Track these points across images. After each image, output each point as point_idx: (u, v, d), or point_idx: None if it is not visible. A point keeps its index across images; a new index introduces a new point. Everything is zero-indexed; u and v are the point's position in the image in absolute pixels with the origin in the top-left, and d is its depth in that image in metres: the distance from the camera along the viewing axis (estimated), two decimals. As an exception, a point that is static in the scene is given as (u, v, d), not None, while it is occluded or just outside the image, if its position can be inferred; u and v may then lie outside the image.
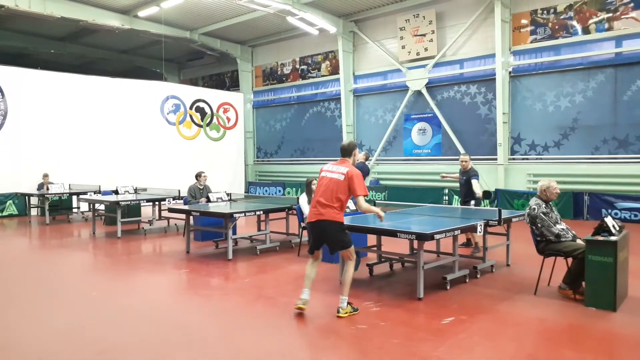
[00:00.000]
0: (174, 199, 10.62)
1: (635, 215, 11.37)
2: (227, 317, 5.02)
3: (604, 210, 11.60)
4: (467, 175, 8.24)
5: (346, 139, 17.52)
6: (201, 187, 10.15)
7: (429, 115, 15.86)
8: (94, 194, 12.53)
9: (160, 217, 11.31)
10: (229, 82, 22.79)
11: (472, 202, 8.12)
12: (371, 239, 7.29)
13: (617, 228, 5.28)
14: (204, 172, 10.31)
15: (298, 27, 16.80)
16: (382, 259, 7.01)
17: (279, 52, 20.26)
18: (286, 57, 20.10)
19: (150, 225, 11.07)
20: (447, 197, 14.63)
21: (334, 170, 5.04)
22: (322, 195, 4.97)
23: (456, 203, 13.99)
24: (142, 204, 11.27)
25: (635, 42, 12.08)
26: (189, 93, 18.40)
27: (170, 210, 8.79)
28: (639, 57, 12.04)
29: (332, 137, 18.27)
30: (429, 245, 7.02)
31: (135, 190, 12.07)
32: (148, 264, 7.73)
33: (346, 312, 4.92)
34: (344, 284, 4.99)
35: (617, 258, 4.96)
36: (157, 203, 11.20)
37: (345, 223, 5.13)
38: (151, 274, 7.08)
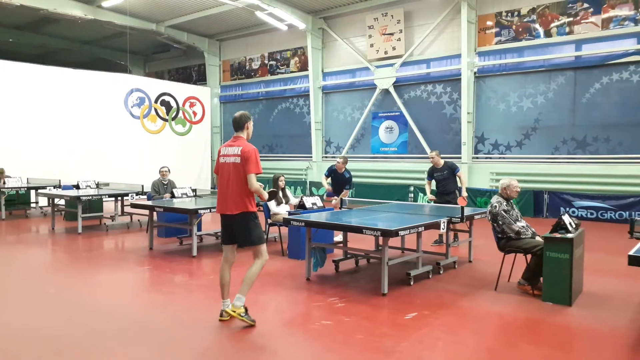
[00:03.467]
0: (137, 194, 10.40)
1: (592, 214, 11.80)
2: (190, 314, 4.94)
3: (562, 208, 11.99)
4: (447, 169, 8.42)
5: (315, 136, 17.56)
6: (165, 183, 9.97)
7: (396, 113, 16.03)
8: (54, 188, 12.14)
9: (122, 213, 11.05)
10: (196, 76, 22.45)
11: (457, 192, 8.29)
12: (337, 236, 7.32)
13: (574, 226, 5.46)
14: (167, 167, 10.13)
15: (267, 22, 16.69)
16: (348, 255, 7.05)
17: (248, 47, 20.07)
18: (255, 52, 19.93)
19: (113, 221, 10.80)
20: (412, 195, 14.84)
21: (229, 153, 4.66)
22: (226, 183, 4.62)
23: (422, 201, 14.21)
24: (104, 199, 10.99)
25: (594, 46, 12.51)
26: (154, 86, 18.02)
27: (133, 205, 8.59)
28: (597, 60, 12.47)
29: (301, 134, 18.25)
30: (394, 241, 7.10)
31: (97, 185, 11.75)
32: (109, 260, 7.55)
33: (235, 312, 4.50)
34: (245, 281, 4.56)
35: (573, 255, 5.13)
36: (119, 198, 10.95)
37: (312, 219, 5.12)
38: (112, 271, 6.91)
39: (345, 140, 17.19)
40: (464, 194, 8.16)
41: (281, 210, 8.01)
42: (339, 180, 9.14)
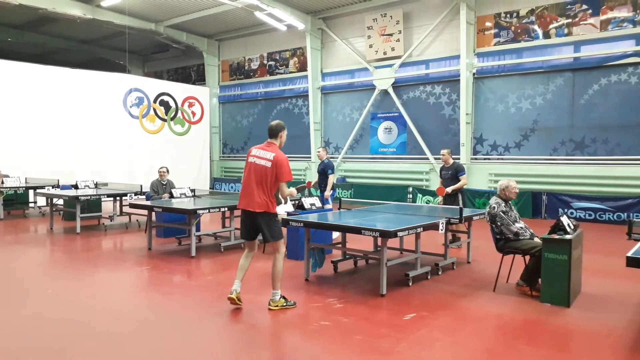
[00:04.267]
0: (135, 194, 10.39)
1: (590, 215, 11.82)
2: (188, 315, 4.94)
3: (560, 210, 12.01)
4: (453, 170, 8.54)
5: (314, 136, 17.57)
6: (164, 183, 9.97)
7: (395, 114, 16.03)
8: (52, 188, 12.12)
9: (121, 213, 11.03)
10: (195, 76, 22.44)
11: (460, 195, 8.40)
12: (336, 236, 7.33)
13: (572, 227, 5.47)
14: (165, 167, 10.13)
15: (266, 22, 16.70)
16: (347, 256, 7.06)
17: (247, 47, 20.07)
18: (254, 53, 19.93)
19: (111, 221, 10.79)
20: (411, 195, 14.85)
21: (262, 155, 5.00)
22: (251, 182, 4.95)
23: (420, 201, 14.22)
24: (102, 199, 10.97)
25: (593, 47, 12.54)
26: (153, 86, 18.02)
27: (132, 205, 8.59)
28: (596, 62, 12.50)
29: (299, 134, 18.24)
30: (393, 242, 7.11)
31: (96, 185, 11.74)
32: (108, 260, 7.54)
33: (277, 305, 4.97)
34: (274, 279, 5.00)
35: (572, 256, 5.14)
36: (118, 198, 10.94)
37: (311, 220, 5.15)
38: (111, 271, 6.91)
39: (344, 140, 17.20)
40: (450, 188, 8.30)
41: (280, 211, 8.00)
42: (322, 168, 9.69)
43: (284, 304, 5.04)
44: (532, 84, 13.50)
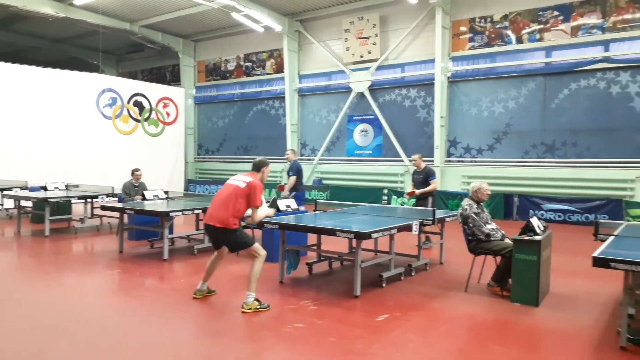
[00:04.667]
0: (107, 196, 10.19)
1: (559, 216, 12.09)
2: (160, 318, 4.87)
3: (531, 211, 12.24)
4: (424, 174, 8.64)
5: (291, 138, 17.54)
6: (136, 185, 9.81)
7: (371, 117, 16.13)
8: (20, 190, 11.79)
9: (92, 215, 10.82)
10: (170, 76, 22.18)
11: (430, 199, 8.48)
12: (311, 238, 7.32)
13: (542, 228, 5.58)
14: (139, 169, 9.97)
15: (243, 23, 16.62)
16: (322, 258, 7.06)
17: (223, 48, 19.94)
18: (230, 54, 19.81)
19: (82, 223, 10.57)
20: (386, 197, 14.94)
21: (239, 178, 5.20)
22: (219, 199, 5.11)
23: (395, 203, 14.32)
24: (73, 201, 10.74)
25: (563, 53, 12.84)
26: (127, 86, 17.74)
27: (103, 208, 8.43)
28: (566, 67, 12.80)
29: (276, 136, 18.21)
30: (367, 243, 7.14)
31: (66, 187, 11.48)
32: (78, 264, 7.37)
33: (250, 308, 4.96)
34: (250, 280, 5.03)
35: (541, 256, 5.25)
36: (89, 200, 10.71)
37: (286, 222, 5.16)
38: (81, 274, 6.75)
39: (320, 142, 17.22)
40: (418, 190, 8.44)
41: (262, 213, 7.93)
42: (288, 170, 9.86)
43: (258, 307, 5.02)
44: (505, 88, 13.75)
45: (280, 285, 6.11)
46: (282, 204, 7.76)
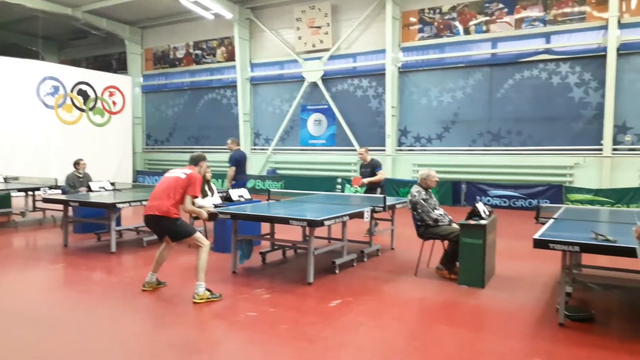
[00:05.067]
0: (50, 188, 9.76)
1: (505, 202, 12.59)
2: (108, 312, 4.73)
3: (478, 197, 12.67)
4: (371, 167, 8.73)
5: (244, 127, 17.35)
6: (80, 176, 9.44)
7: (324, 106, 16.18)
8: (-46, 183, 11.12)
9: (34, 209, 10.35)
10: (116, 64, 21.39)
11: (378, 189, 8.58)
12: (265, 227, 7.29)
13: (487, 213, 5.79)
14: (82, 160, 9.60)
15: (192, 10, 16.21)
16: (275, 247, 7.05)
17: (172, 35, 19.40)
18: (179, 41, 19.31)
19: (23, 217, 10.08)
20: (340, 186, 15.07)
21: (178, 171, 5.27)
22: (159, 190, 5.13)
23: (349, 192, 14.46)
24: (13, 194, 10.22)
25: (508, 44, 13.30)
26: (70, 74, 16.97)
27: (46, 200, 8.06)
28: (511, 58, 13.27)
29: (228, 125, 17.95)
30: (320, 231, 7.18)
31: (5, 179, 10.91)
32: (19, 259, 7.05)
33: (202, 298, 4.93)
34: (198, 270, 5.00)
35: (486, 240, 5.45)
36: (30, 193, 10.23)
37: (238, 212, 5.13)
38: (23, 270, 6.45)
39: (274, 132, 17.12)
40: (366, 179, 8.54)
41: (207, 203, 7.83)
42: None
43: (209, 297, 4.98)
44: (453, 78, 14.11)
45: (233, 275, 6.07)
46: (234, 194, 7.70)
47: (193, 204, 5.28)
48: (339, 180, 15.14)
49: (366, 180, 8.60)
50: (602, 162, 12.14)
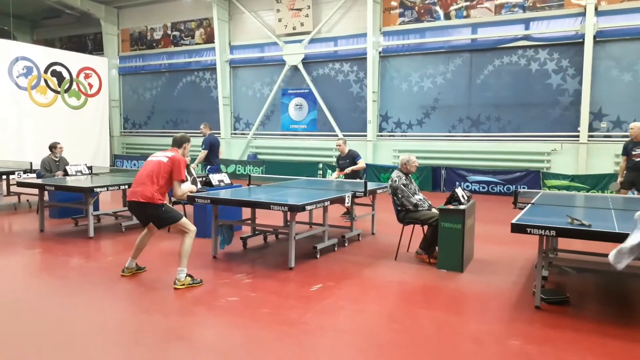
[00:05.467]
0: (25, 172, 9.53)
1: (484, 187, 12.76)
2: (86, 298, 4.67)
3: (457, 183, 12.83)
4: (350, 158, 8.80)
5: (223, 111, 17.15)
6: (57, 160, 9.24)
7: (305, 91, 16.07)
8: None
9: (8, 193, 10.10)
10: (92, 45, 20.85)
11: (357, 179, 8.56)
12: (245, 213, 7.26)
13: (466, 198, 5.86)
14: (59, 143, 9.38)
15: (169, -10, 15.85)
16: (256, 232, 7.04)
17: (149, 16, 18.96)
18: (157, 22, 18.89)
19: (-3, 202, 9.86)
20: (321, 172, 15.07)
21: (161, 155, 5.14)
22: (142, 175, 5.00)
23: (329, 177, 14.47)
24: (-15, 178, 9.96)
25: (488, 30, 13.36)
26: (44, 55, 16.43)
27: (20, 184, 7.88)
28: (491, 44, 13.34)
29: (208, 109, 17.72)
30: (302, 216, 7.19)
31: (-23, 163, 10.62)
32: (-7, 244, 6.90)
33: (183, 284, 4.91)
34: (181, 256, 4.97)
35: (465, 225, 5.52)
36: (4, 177, 9.98)
37: (218, 196, 5.08)
38: (-4, 255, 6.33)
39: (254, 116, 16.97)
40: (348, 168, 8.65)
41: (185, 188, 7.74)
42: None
43: (190, 282, 4.96)
44: (434, 64, 14.13)
45: (213, 260, 6.05)
46: (214, 178, 7.63)
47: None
48: (320, 165, 15.13)
49: (349, 169, 8.63)
50: (578, 148, 12.37)
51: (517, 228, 4.17)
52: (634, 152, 7.84)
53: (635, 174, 7.86)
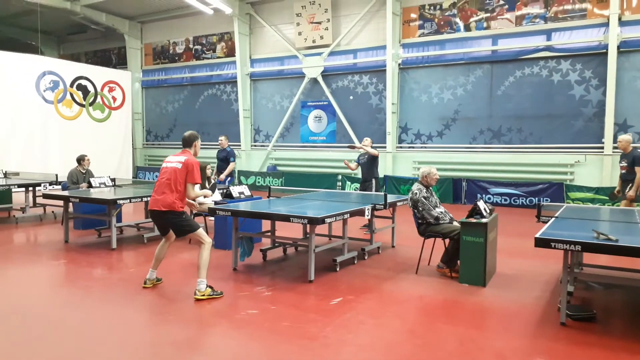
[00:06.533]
0: (50, 184, 9.75)
1: (505, 200, 12.58)
2: (109, 309, 4.73)
3: (478, 195, 12.68)
4: (371, 156, 9.04)
5: (244, 123, 17.31)
6: (83, 172, 9.43)
7: (325, 103, 16.14)
8: (-46, 178, 11.10)
9: (35, 204, 10.33)
10: (116, 59, 21.32)
11: (374, 180, 8.86)
12: (265, 225, 7.29)
13: (488, 211, 5.79)
14: (87, 156, 9.58)
15: (191, 5, 16.14)
16: (276, 244, 7.05)
17: (171, 30, 19.32)
18: (179, 36, 19.23)
19: (23, 213, 10.07)
20: (340, 183, 15.06)
21: (173, 160, 5.16)
22: (162, 184, 5.07)
23: (349, 189, 14.46)
24: (13, 190, 10.21)
25: (509, 41, 13.25)
26: (70, 69, 16.88)
27: (46, 196, 8.05)
28: (512, 55, 13.23)
29: (228, 121, 17.91)
30: (321, 229, 7.20)
31: (5, 174, 10.89)
32: (20, 254, 7.05)
33: (204, 295, 4.96)
34: (200, 267, 5.02)
35: (487, 238, 5.45)
36: (31, 189, 10.22)
37: (239, 209, 5.12)
38: (24, 266, 6.46)
39: (274, 128, 17.08)
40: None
41: (207, 200, 7.83)
42: (224, 155, 10.48)
43: (211, 294, 4.99)
44: (454, 75, 14.07)
45: (233, 272, 6.07)
46: (235, 190, 7.69)
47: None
48: (339, 177, 15.12)
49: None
50: (603, 160, 12.13)
51: (542, 242, 4.09)
52: (620, 165, 8.26)
53: (622, 185, 8.21)
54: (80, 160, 9.49)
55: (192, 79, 19.01)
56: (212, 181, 8.33)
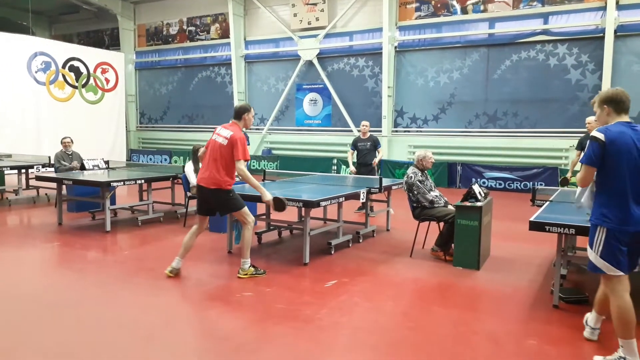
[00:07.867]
0: (43, 166, 9.67)
1: (500, 184, 12.62)
2: (103, 290, 4.72)
3: (473, 179, 12.69)
4: (371, 142, 8.95)
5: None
6: (69, 154, 9.37)
7: (320, 86, 16.03)
8: (-55, 160, 10.99)
9: (28, 187, 10.26)
10: (109, 40, 21.02)
11: (375, 160, 8.87)
12: (260, 208, 7.27)
13: (483, 195, 5.80)
14: (66, 138, 9.50)
15: (185, -15, 15.90)
16: (271, 227, 7.05)
17: (165, 11, 19.04)
18: (172, 17, 18.97)
19: (16, 195, 10.00)
20: (335, 167, 15.04)
21: (221, 133, 5.03)
22: (208, 161, 5.00)
23: (344, 173, 14.45)
24: (6, 172, 10.12)
25: (505, 24, 13.16)
26: (62, 50, 16.65)
27: (39, 178, 7.99)
28: (508, 38, 13.16)
29: (222, 104, 17.78)
30: (316, 212, 7.19)
31: (-3, 156, 10.80)
32: (13, 237, 7.01)
33: (246, 274, 5.05)
34: (243, 248, 5.09)
35: (482, 222, 5.46)
36: (24, 171, 10.13)
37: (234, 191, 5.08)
38: (17, 248, 6.43)
39: (269, 111, 16.98)
40: (376, 160, 8.84)
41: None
42: None
43: (254, 272, 5.10)
44: (450, 59, 13.98)
45: (228, 255, 6.07)
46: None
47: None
48: (335, 160, 15.10)
49: (376, 161, 8.85)
50: (597, 144, 12.13)
51: (536, 226, 4.11)
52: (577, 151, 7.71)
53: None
54: (62, 142, 9.45)
55: (186, 61, 18.81)
56: None
